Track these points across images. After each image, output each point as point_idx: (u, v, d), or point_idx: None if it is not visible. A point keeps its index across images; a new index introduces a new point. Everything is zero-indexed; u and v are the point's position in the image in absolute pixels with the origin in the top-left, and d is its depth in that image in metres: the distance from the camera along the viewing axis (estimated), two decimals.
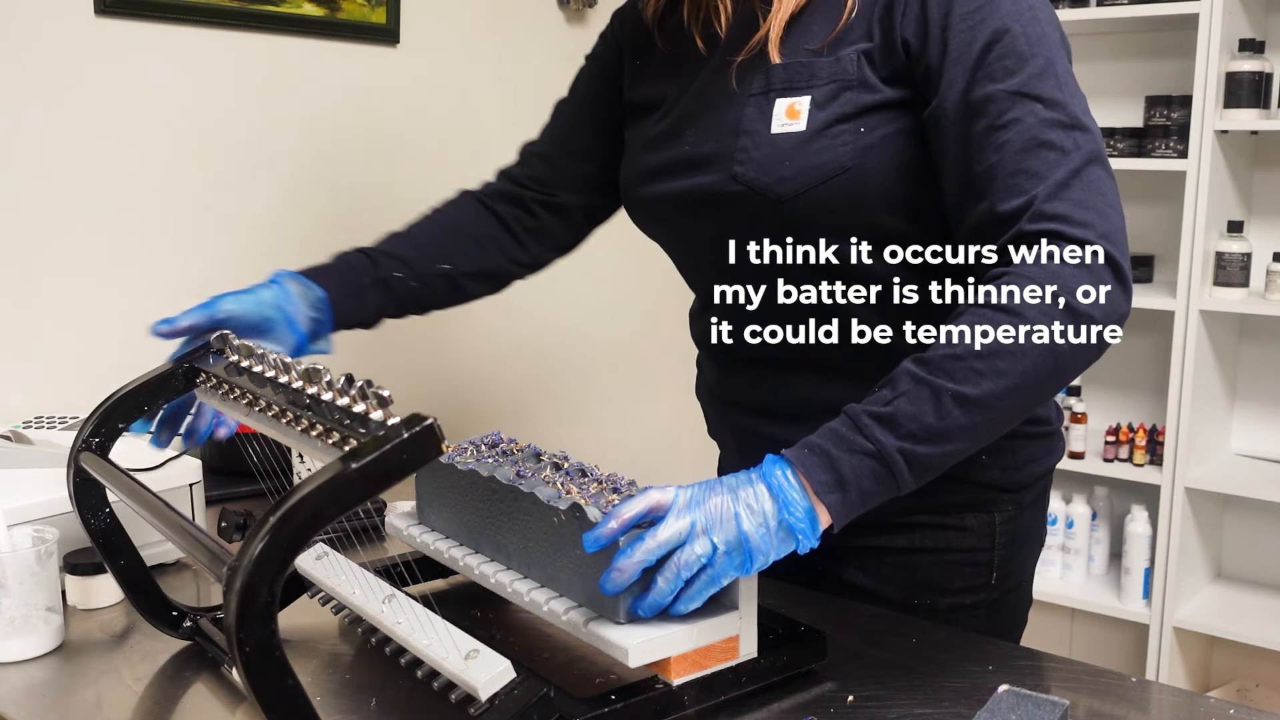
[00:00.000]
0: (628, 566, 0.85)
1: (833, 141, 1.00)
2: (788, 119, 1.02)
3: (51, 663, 1.03)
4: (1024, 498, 1.14)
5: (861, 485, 0.88)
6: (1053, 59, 0.95)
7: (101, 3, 1.59)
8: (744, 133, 1.04)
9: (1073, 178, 0.92)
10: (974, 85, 0.95)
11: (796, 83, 1.02)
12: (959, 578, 1.13)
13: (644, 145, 1.17)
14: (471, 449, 1.10)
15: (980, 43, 0.95)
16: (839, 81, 1.00)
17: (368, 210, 1.97)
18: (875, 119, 1.00)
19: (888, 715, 0.91)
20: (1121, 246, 0.92)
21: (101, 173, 1.62)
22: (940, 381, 0.88)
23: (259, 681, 0.68)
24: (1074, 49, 1.01)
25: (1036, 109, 0.93)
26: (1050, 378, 0.91)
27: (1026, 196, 0.92)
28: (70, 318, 1.60)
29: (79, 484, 0.98)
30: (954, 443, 0.90)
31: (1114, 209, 0.93)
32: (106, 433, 0.99)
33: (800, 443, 0.91)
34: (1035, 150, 0.92)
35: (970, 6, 0.96)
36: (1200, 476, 2.54)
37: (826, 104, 1.00)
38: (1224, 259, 2.48)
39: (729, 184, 1.04)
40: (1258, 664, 2.71)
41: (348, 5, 1.89)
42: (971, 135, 0.95)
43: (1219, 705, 0.93)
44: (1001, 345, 0.89)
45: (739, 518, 0.87)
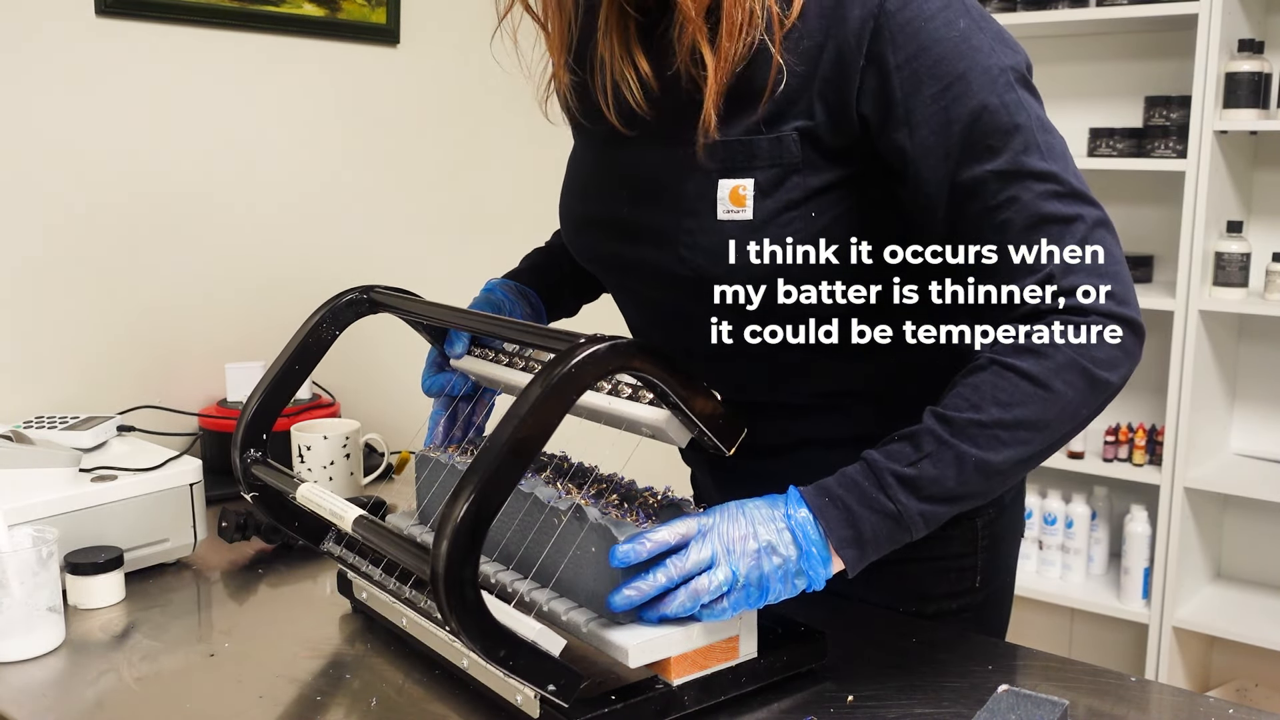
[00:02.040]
0: (645, 589, 0.86)
1: (783, 231, 0.96)
2: (733, 205, 0.97)
3: (51, 663, 1.03)
4: (1005, 498, 1.14)
5: (879, 542, 0.90)
6: (1031, 123, 0.91)
7: (101, 3, 1.59)
8: (687, 213, 0.99)
9: (1082, 247, 0.90)
10: (960, 168, 0.91)
11: (737, 163, 0.97)
12: (944, 584, 1.13)
13: (580, 184, 1.14)
14: (471, 448, 1.10)
15: (959, 124, 0.90)
16: (782, 165, 0.96)
17: (368, 210, 1.97)
18: (825, 200, 0.97)
19: (888, 715, 0.91)
20: (1136, 306, 0.91)
21: (102, 172, 1.62)
22: (965, 448, 0.88)
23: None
24: (1074, 49, 1.01)
25: (1030, 185, 0.90)
26: (1064, 442, 0.92)
27: (1041, 274, 0.90)
28: (71, 317, 1.60)
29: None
30: (967, 503, 0.92)
31: (1123, 267, 0.92)
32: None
33: (819, 487, 0.90)
34: (1040, 227, 0.90)
35: (939, 85, 0.90)
36: (1200, 476, 2.54)
37: (772, 190, 0.96)
38: (1223, 259, 2.48)
39: (678, 266, 1.01)
40: (1257, 664, 2.71)
41: (348, 5, 1.89)
42: (966, 217, 0.92)
43: (1218, 705, 0.94)
44: (1027, 415, 0.88)
45: (760, 557, 0.88)
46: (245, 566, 1.28)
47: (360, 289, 1.10)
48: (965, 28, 0.91)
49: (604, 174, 1.10)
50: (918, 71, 0.90)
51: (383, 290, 1.10)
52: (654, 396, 0.91)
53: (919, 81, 0.90)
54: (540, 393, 0.79)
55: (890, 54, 0.91)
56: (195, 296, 1.74)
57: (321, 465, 1.46)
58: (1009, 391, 0.89)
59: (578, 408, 0.94)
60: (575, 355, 0.80)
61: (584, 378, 0.81)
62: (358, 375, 1.86)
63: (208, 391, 1.72)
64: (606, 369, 0.82)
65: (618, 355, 0.82)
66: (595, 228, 1.12)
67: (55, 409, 1.56)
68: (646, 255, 1.05)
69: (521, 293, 1.23)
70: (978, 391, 0.89)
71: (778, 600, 0.89)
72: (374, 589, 1.04)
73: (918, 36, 0.90)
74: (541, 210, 2.16)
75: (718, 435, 0.90)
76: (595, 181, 1.11)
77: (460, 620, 0.77)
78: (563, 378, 0.80)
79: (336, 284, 1.23)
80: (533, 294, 1.24)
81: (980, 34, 0.92)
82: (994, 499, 1.13)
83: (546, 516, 0.94)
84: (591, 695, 0.86)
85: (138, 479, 1.24)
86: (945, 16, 0.91)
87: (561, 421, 0.81)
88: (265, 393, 1.06)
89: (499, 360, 1.08)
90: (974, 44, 0.91)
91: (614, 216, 1.08)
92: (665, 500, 0.94)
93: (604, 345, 0.81)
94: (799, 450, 1.00)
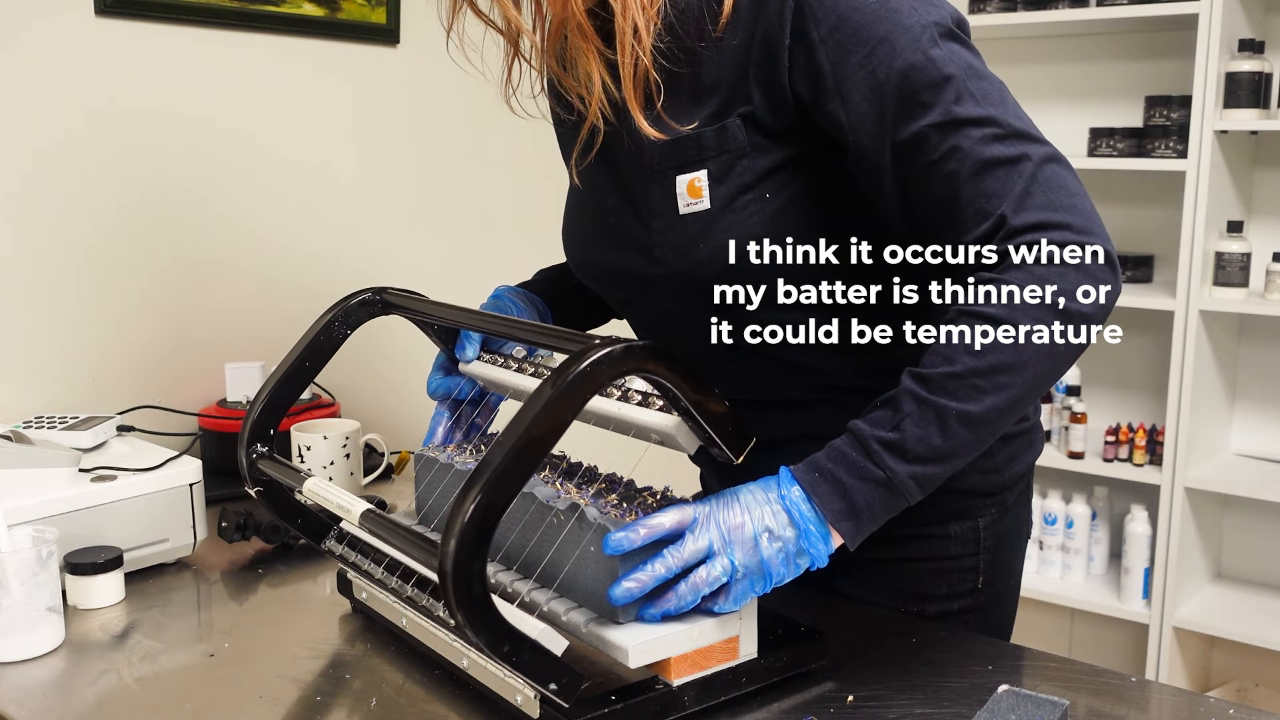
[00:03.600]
0: (644, 579, 0.86)
1: (740, 215, 0.98)
2: (691, 198, 0.99)
3: (51, 663, 1.03)
4: (1007, 498, 1.14)
5: (874, 511, 0.90)
6: (960, 73, 0.91)
7: (101, 3, 1.59)
8: (656, 213, 1.02)
9: (1032, 184, 0.90)
10: (897, 128, 0.91)
11: (689, 157, 0.99)
12: (946, 585, 1.13)
13: (572, 201, 1.16)
14: (471, 449, 1.10)
15: (889, 86, 0.91)
16: (730, 152, 0.98)
17: (368, 210, 1.97)
18: (777, 180, 0.98)
19: (888, 715, 0.91)
20: (1103, 235, 0.90)
21: (101, 172, 1.62)
22: (944, 402, 0.88)
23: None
24: (1074, 49, 1.01)
25: (969, 132, 0.90)
26: (1048, 381, 0.91)
27: (993, 219, 0.90)
28: (71, 317, 1.60)
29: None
30: (960, 458, 0.91)
31: (1082, 198, 0.91)
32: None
33: (809, 463, 0.91)
34: (986, 171, 0.90)
35: (864, 51, 0.91)
36: (1200, 476, 2.54)
37: (724, 177, 0.98)
38: (1224, 259, 2.48)
39: (653, 266, 1.03)
40: (1257, 664, 2.71)
41: (348, 5, 1.89)
42: (911, 174, 0.92)
43: (1219, 705, 0.94)
44: (1002, 359, 0.88)
45: (758, 542, 0.88)
46: (245, 566, 1.28)
47: (373, 290, 1.10)
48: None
49: (589, 182, 1.11)
50: (841, 41, 0.92)
51: (395, 291, 1.10)
52: (664, 403, 0.91)
53: (844, 51, 0.92)
54: (554, 392, 0.79)
55: (813, 29, 0.93)
56: (195, 296, 1.74)
57: (321, 465, 1.46)
58: (978, 339, 0.89)
59: (586, 413, 0.95)
60: (590, 355, 0.81)
61: (598, 378, 0.81)
62: (358, 375, 1.86)
63: (208, 391, 1.72)
64: (621, 370, 0.82)
65: (632, 357, 0.83)
66: (582, 236, 1.14)
67: (55, 409, 1.56)
68: (623, 260, 1.07)
69: (529, 300, 1.23)
70: (949, 344, 0.89)
71: (784, 582, 0.89)
72: (374, 588, 1.04)
73: (837, 8, 0.92)
74: (540, 210, 2.16)
75: (727, 443, 0.90)
76: (582, 191, 1.13)
77: (467, 614, 0.77)
78: (577, 377, 0.80)
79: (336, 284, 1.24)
80: (540, 302, 1.24)
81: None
82: (996, 500, 1.13)
83: (546, 517, 0.93)
84: (591, 695, 0.86)
85: (138, 479, 1.24)
86: None
87: (573, 421, 0.82)
88: (274, 389, 1.07)
89: (507, 366, 1.09)
90: (891, 6, 0.92)
91: (597, 224, 1.10)
92: (665, 500, 0.94)
93: (619, 346, 0.82)
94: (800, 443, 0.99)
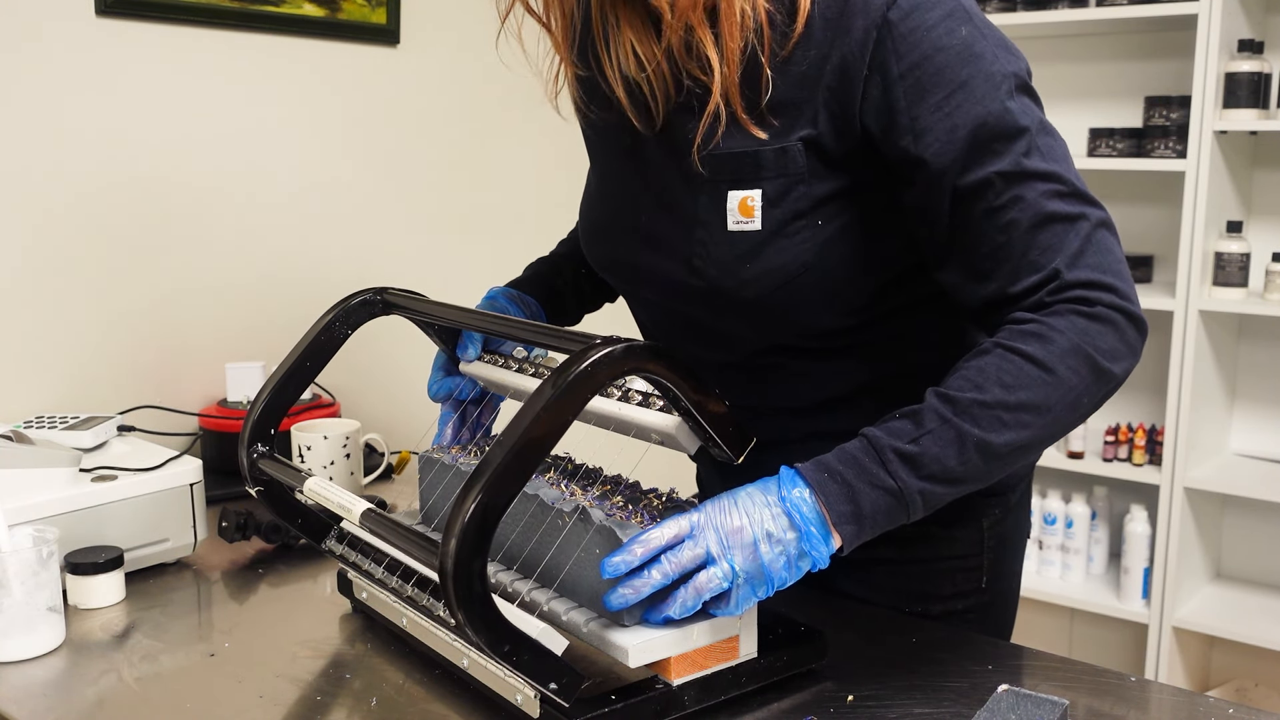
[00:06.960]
0: (640, 587, 0.86)
1: (791, 240, 0.97)
2: (742, 216, 0.98)
3: (51, 663, 1.03)
4: (1009, 499, 1.14)
5: (877, 519, 0.89)
6: (1033, 127, 0.92)
7: (102, 3, 1.59)
8: (700, 224, 1.00)
9: (1087, 244, 0.91)
10: (965, 172, 0.91)
11: (744, 174, 0.98)
12: (949, 585, 1.13)
13: (598, 193, 1.15)
14: (474, 449, 1.10)
15: (964, 130, 0.91)
16: (789, 176, 0.96)
17: (368, 210, 1.97)
18: (830, 209, 0.97)
19: (888, 715, 0.91)
20: (1139, 306, 0.93)
21: (102, 172, 1.62)
22: (967, 427, 0.88)
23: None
24: (1074, 49, 1.01)
25: (1034, 185, 0.91)
26: (1062, 431, 0.92)
27: (1046, 271, 0.91)
28: (71, 317, 1.60)
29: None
30: (966, 485, 0.91)
31: (1126, 266, 0.94)
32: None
33: (817, 463, 0.90)
34: (1045, 224, 0.91)
35: (943, 93, 0.91)
36: (1199, 476, 2.54)
37: (779, 200, 0.97)
38: (1223, 259, 2.48)
39: (691, 277, 1.02)
40: (1257, 664, 2.71)
41: (348, 5, 1.89)
42: (971, 219, 0.92)
43: (1218, 705, 0.94)
44: (1031, 398, 0.89)
45: (758, 546, 0.87)
46: (245, 566, 1.28)
47: (374, 290, 1.10)
48: (967, 35, 0.92)
49: (620, 184, 1.10)
50: (921, 80, 0.91)
51: (395, 291, 1.10)
52: (664, 403, 0.91)
53: (922, 90, 0.91)
54: (554, 392, 0.79)
55: (894, 64, 0.91)
56: (195, 296, 1.74)
57: (321, 465, 1.46)
58: (1012, 374, 0.89)
59: (586, 413, 0.95)
60: (590, 355, 0.81)
61: (599, 377, 0.81)
62: (358, 375, 1.86)
63: (208, 391, 1.72)
64: (621, 370, 0.82)
65: (632, 357, 0.82)
66: (611, 236, 1.12)
67: (55, 409, 1.56)
68: (659, 265, 1.05)
69: (523, 300, 1.23)
70: (982, 373, 0.90)
71: (785, 586, 0.89)
72: (374, 588, 1.04)
73: (920, 45, 0.91)
74: (541, 210, 2.16)
75: (727, 442, 0.90)
76: (612, 191, 1.12)
77: (467, 613, 0.77)
78: (577, 377, 0.80)
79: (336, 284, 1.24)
80: (533, 302, 1.24)
81: (982, 41, 0.92)
82: (1000, 500, 1.13)
83: (551, 518, 0.93)
84: (591, 695, 0.86)
85: (138, 479, 1.24)
86: (947, 25, 0.91)
87: (574, 421, 0.82)
88: (275, 389, 1.07)
89: (508, 366, 1.09)
90: (976, 51, 0.91)
91: (629, 225, 1.09)
92: (670, 502, 0.94)
93: (619, 346, 0.82)
94: (805, 443, 1.00)
